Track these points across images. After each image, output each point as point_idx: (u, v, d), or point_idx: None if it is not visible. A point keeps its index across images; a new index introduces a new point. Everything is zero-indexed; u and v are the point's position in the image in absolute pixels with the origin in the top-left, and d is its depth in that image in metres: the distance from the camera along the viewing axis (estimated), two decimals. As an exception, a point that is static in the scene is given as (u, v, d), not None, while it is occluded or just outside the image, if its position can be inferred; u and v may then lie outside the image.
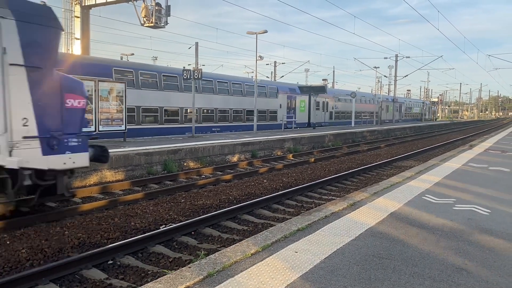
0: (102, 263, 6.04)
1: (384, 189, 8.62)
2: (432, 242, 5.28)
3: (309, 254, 4.71)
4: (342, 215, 6.43)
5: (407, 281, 4.06)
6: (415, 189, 8.60)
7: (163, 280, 3.98)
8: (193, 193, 10.38)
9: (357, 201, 7.40)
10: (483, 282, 4.09)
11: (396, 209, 6.93)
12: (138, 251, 6.57)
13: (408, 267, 4.42)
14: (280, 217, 8.60)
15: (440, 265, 4.50)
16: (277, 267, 4.31)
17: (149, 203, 9.30)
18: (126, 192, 10.48)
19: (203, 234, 7.51)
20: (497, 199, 7.91)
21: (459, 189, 8.72)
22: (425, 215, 6.55)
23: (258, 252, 4.76)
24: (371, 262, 4.55)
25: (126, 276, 5.74)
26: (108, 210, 8.63)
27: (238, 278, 4.04)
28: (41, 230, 7.22)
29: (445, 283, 4.04)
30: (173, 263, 6.17)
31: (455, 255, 4.83)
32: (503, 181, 9.88)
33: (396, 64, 42.93)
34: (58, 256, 6.25)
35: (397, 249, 4.99)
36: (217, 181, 12.03)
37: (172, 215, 8.48)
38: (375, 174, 14.47)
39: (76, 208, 8.46)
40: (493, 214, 6.77)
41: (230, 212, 8.51)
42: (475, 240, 5.39)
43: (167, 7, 21.79)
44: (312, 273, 4.19)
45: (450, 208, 7.06)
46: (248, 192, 10.71)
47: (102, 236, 7.14)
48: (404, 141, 27.20)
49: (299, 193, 10.70)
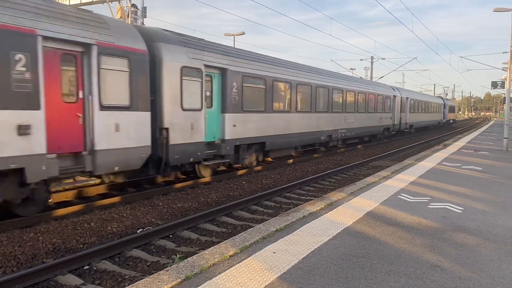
0: (78, 268, 5.93)
1: (361, 188, 8.74)
2: (408, 240, 5.39)
3: (287, 255, 4.73)
4: (319, 215, 6.49)
5: (383, 279, 4.13)
6: (391, 189, 8.75)
7: (140, 284, 3.94)
8: (171, 196, 10.30)
9: (334, 201, 7.48)
10: (457, 278, 4.19)
11: (373, 208, 7.04)
12: (115, 255, 6.47)
13: (384, 265, 4.49)
14: (258, 219, 8.62)
15: (415, 263, 4.60)
16: (256, 268, 4.32)
17: (126, 207, 9.17)
18: (103, 196, 10.31)
19: (181, 237, 7.46)
20: (470, 197, 8.12)
21: (434, 188, 8.91)
22: (400, 214, 6.67)
23: (237, 254, 4.76)
24: (348, 261, 4.61)
25: (103, 281, 5.65)
26: (84, 215, 8.48)
27: (216, 280, 4.03)
28: (14, 236, 7.03)
29: (420, 280, 4.13)
30: (150, 267, 6.11)
31: (430, 252, 4.94)
32: (476, 180, 10.15)
33: (371, 65, 43.53)
34: (32, 263, 6.11)
35: (374, 247, 5.06)
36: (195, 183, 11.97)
37: (149, 218, 8.40)
38: (352, 174, 14.65)
39: (50, 213, 8.28)
40: (466, 212, 6.95)
41: (208, 215, 8.48)
42: (449, 238, 5.52)
43: (143, 8, 21.58)
44: (290, 273, 4.21)
45: (425, 207, 7.21)
46: (227, 194, 10.69)
47: (77, 241, 7.01)
48: (380, 143, 27.64)
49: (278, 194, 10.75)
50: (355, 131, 22.33)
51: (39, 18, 7.41)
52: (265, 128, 14.31)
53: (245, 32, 27.20)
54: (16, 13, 7.06)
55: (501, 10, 19.25)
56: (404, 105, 32.01)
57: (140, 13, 21.53)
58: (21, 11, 7.16)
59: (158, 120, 10.25)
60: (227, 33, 27.73)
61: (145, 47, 9.61)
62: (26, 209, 7.94)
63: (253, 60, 13.95)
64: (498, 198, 8.04)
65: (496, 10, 19.22)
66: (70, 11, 8.23)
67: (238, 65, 12.79)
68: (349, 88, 21.64)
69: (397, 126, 30.48)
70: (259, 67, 14.03)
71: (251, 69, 13.51)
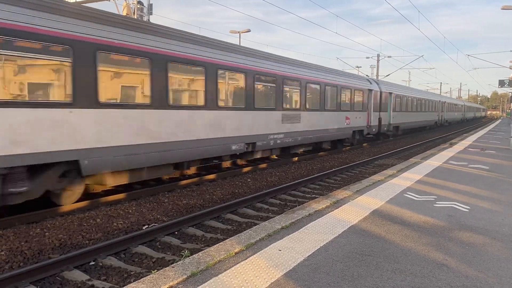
0: (83, 264, 5.96)
1: (366, 187, 8.71)
2: (414, 238, 5.36)
3: (293, 252, 4.73)
4: (325, 213, 6.47)
5: (389, 277, 4.11)
6: (397, 187, 8.72)
7: (146, 280, 3.94)
8: (176, 193, 10.31)
9: (340, 199, 7.46)
10: (463, 277, 4.17)
11: (378, 206, 7.01)
12: (121, 251, 6.50)
13: (390, 264, 4.47)
14: (264, 216, 8.62)
15: (421, 261, 4.57)
16: (261, 266, 4.31)
17: (131, 203, 9.20)
18: (109, 193, 10.35)
19: (186, 234, 7.47)
20: (477, 196, 8.07)
21: (440, 187, 8.86)
22: (406, 212, 6.64)
23: (242, 251, 4.76)
24: (354, 259, 4.59)
25: (109, 277, 5.67)
26: (90, 211, 8.51)
27: (222, 277, 4.03)
28: (20, 231, 7.07)
29: (426, 279, 4.10)
30: (156, 263, 6.13)
31: (436, 251, 4.91)
32: (482, 179, 10.08)
33: (378, 63, 43.36)
34: (38, 258, 6.15)
35: (380, 246, 5.04)
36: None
37: (155, 215, 8.42)
38: (357, 172, 14.61)
39: (56, 209, 8.32)
40: (472, 210, 6.90)
41: (213, 212, 8.48)
42: (455, 237, 5.49)
43: (149, 5, 21.58)
44: (296, 271, 4.20)
45: (431, 205, 7.17)
46: (232, 192, 10.69)
47: (83, 237, 7.03)
48: (386, 140, 27.54)
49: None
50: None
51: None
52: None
53: (250, 30, 27.17)
54: None
55: (509, 8, 19.08)
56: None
57: (146, 10, 21.55)
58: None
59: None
60: (233, 30, 27.72)
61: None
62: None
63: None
64: (505, 197, 7.98)
65: (504, 8, 19.06)
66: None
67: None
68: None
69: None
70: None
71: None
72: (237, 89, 12.50)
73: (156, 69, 9.59)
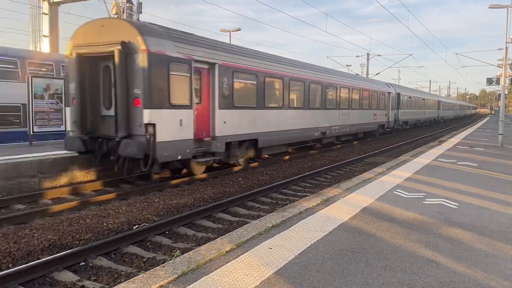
0: (73, 265, 5.92)
1: (357, 184, 8.76)
2: (403, 235, 5.41)
3: (284, 250, 4.74)
4: (316, 211, 6.50)
5: (379, 274, 4.15)
6: (387, 185, 8.78)
7: (136, 280, 3.93)
8: (167, 193, 10.28)
9: (331, 197, 7.49)
10: (452, 273, 4.22)
11: (368, 204, 7.06)
12: (111, 252, 6.46)
13: (380, 260, 4.51)
14: (255, 215, 8.62)
15: (411, 258, 4.62)
16: (252, 264, 4.32)
17: (121, 203, 9.15)
18: (98, 193, 10.29)
19: (177, 233, 7.45)
20: (465, 192, 8.16)
21: (429, 184, 8.95)
22: (396, 210, 6.69)
23: (233, 250, 4.76)
24: (344, 256, 4.62)
25: (99, 277, 5.63)
26: (80, 211, 8.45)
27: (212, 275, 4.03)
28: (9, 232, 7.00)
29: (416, 275, 4.14)
30: (147, 263, 6.10)
31: (425, 247, 4.96)
32: (471, 176, 10.20)
33: (367, 62, 43.62)
34: (28, 259, 6.08)
35: (370, 243, 5.08)
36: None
37: (145, 215, 8.38)
38: (348, 170, 14.68)
39: (46, 210, 8.25)
40: (461, 207, 6.98)
41: (205, 211, 8.47)
42: (444, 233, 5.55)
43: (139, 4, 21.47)
44: (287, 269, 4.22)
45: (420, 202, 7.24)
46: (223, 191, 10.69)
47: (73, 237, 6.98)
48: (375, 138, 27.70)
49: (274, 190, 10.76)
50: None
51: None
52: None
53: (241, 28, 27.18)
54: None
55: (497, 7, 19.30)
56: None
57: (135, 9, 21.43)
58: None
59: None
60: (223, 29, 27.69)
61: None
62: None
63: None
64: (493, 194, 8.08)
65: (491, 7, 19.27)
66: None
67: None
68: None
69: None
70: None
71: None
72: (317, 95, 18.62)
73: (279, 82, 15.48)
